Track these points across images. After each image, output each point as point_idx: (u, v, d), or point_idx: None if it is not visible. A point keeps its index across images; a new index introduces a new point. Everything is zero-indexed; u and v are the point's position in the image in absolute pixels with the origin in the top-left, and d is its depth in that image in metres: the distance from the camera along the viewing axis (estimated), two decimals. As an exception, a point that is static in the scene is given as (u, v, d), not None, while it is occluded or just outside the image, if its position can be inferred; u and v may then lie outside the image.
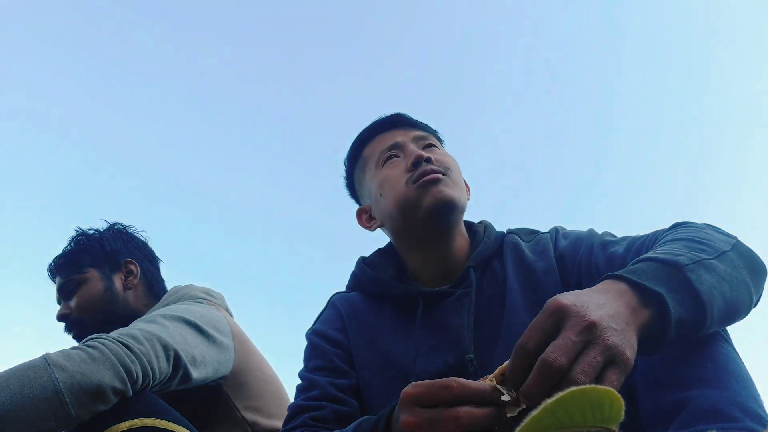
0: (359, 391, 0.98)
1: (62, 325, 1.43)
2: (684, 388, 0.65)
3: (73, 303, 1.40)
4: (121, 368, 0.91)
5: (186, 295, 1.40)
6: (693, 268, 0.65)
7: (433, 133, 1.16)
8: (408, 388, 0.59)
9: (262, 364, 1.40)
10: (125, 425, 0.87)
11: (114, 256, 1.48)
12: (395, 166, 1.04)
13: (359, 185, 1.17)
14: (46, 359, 0.88)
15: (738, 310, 0.70)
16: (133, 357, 0.94)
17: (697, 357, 0.67)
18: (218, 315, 1.29)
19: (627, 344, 0.54)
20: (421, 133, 1.10)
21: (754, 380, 0.67)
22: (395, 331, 0.99)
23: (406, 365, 0.94)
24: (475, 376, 0.88)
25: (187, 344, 1.11)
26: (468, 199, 1.12)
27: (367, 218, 1.14)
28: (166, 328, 1.09)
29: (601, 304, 0.56)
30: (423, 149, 1.05)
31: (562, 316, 0.54)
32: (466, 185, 1.15)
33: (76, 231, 1.53)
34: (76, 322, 1.38)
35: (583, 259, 0.94)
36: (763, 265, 0.76)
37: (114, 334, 0.98)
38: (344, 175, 1.21)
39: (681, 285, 0.63)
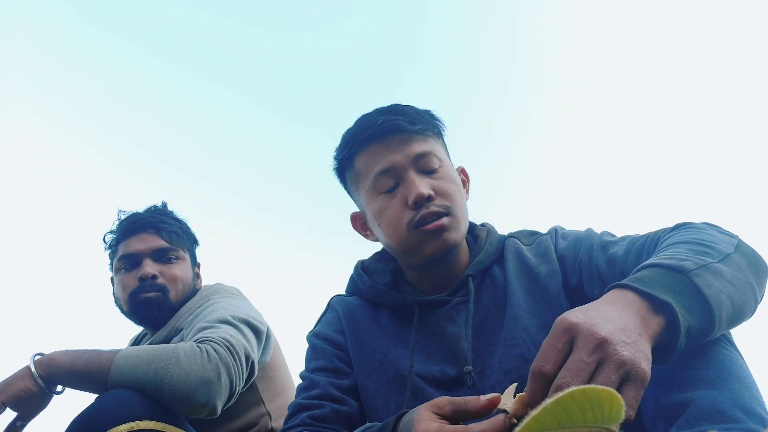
0: (358, 391, 0.99)
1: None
2: (686, 388, 0.65)
3: (166, 270, 1.37)
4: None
5: (222, 290, 1.42)
6: (699, 273, 0.64)
7: (433, 129, 1.02)
8: (430, 403, 0.65)
9: (284, 361, 1.43)
10: (124, 427, 0.87)
11: (196, 254, 1.52)
12: (393, 197, 0.96)
13: (352, 191, 1.08)
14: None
15: (744, 312, 0.70)
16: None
17: (699, 358, 0.67)
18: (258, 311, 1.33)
19: (641, 356, 0.53)
20: (422, 148, 0.97)
21: (757, 381, 0.67)
22: (392, 336, 1.00)
23: (403, 369, 0.95)
24: (473, 389, 0.89)
25: (255, 353, 1.16)
26: (467, 195, 1.07)
27: (362, 225, 1.09)
28: (248, 339, 1.14)
29: (611, 318, 0.55)
30: (424, 173, 0.96)
31: (573, 335, 0.53)
32: (465, 176, 1.09)
33: (164, 205, 1.50)
34: (162, 288, 1.35)
35: (583, 260, 0.94)
36: (765, 264, 0.76)
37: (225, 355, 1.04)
38: (335, 167, 1.08)
39: (688, 290, 0.62)
